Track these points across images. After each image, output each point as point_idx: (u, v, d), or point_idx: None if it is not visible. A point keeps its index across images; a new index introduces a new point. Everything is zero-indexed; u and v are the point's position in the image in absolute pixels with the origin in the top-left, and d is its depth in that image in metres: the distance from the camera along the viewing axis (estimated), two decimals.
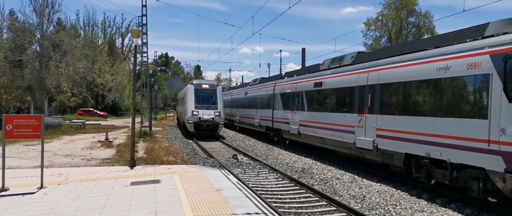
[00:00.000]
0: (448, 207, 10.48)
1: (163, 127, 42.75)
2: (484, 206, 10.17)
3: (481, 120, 9.61)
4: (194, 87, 30.63)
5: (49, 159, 16.73)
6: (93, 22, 79.85)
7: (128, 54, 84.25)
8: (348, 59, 17.62)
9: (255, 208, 8.70)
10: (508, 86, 9.06)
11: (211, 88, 30.98)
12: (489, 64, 9.53)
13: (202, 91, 30.36)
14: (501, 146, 9.06)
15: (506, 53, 9.16)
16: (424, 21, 55.05)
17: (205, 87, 30.84)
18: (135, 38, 15.93)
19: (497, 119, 9.18)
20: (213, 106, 29.72)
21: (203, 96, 30.07)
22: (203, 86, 30.96)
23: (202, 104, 29.58)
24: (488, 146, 9.39)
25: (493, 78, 9.39)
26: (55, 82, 38.37)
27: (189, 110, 29.69)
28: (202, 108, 29.36)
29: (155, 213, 8.25)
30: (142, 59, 36.18)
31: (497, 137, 9.14)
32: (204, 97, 30.07)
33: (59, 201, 9.47)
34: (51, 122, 32.98)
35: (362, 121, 14.82)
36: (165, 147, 22.02)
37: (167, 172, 13.66)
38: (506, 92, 9.05)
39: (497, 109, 9.20)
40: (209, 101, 29.98)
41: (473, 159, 9.87)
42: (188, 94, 30.57)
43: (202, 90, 30.45)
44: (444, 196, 11.36)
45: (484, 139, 9.47)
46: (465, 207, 10.35)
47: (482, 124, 9.56)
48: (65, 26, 53.40)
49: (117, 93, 69.92)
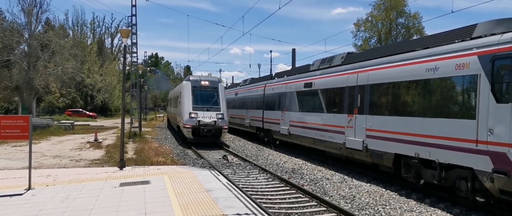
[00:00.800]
0: (437, 206, 10.56)
1: (153, 128, 42.57)
2: (472, 205, 10.26)
3: (469, 120, 9.69)
4: (192, 84, 25.66)
5: (37, 160, 16.56)
6: (82, 22, 79.12)
7: (118, 54, 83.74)
8: (338, 59, 17.68)
9: (245, 209, 8.68)
10: (496, 86, 9.16)
11: (212, 85, 26.02)
12: (477, 65, 9.62)
13: (201, 89, 25.55)
14: (489, 146, 9.15)
15: (493, 54, 9.25)
16: (413, 22, 55.51)
17: (205, 84, 25.85)
18: (125, 38, 15.81)
19: (485, 119, 9.27)
20: (214, 107, 24.88)
21: (202, 95, 25.37)
22: (202, 82, 25.89)
23: (201, 105, 24.82)
24: (476, 146, 9.47)
25: (481, 79, 9.48)
26: (43, 82, 37.99)
27: (185, 112, 24.74)
28: (202, 110, 24.49)
29: (145, 214, 8.19)
30: (132, 59, 36.08)
31: (485, 137, 9.23)
32: (204, 96, 25.36)
33: (47, 202, 9.37)
34: (39, 122, 32.64)
35: (352, 121, 14.88)
36: (155, 148, 21.93)
37: (157, 173, 13.59)
38: (494, 92, 9.15)
39: (485, 109, 9.29)
40: (209, 101, 25.18)
41: (461, 159, 9.95)
42: (184, 92, 25.61)
43: (201, 87, 25.61)
44: (433, 196, 11.44)
45: (472, 139, 9.56)
46: (454, 207, 10.44)
47: (470, 124, 9.64)
48: (54, 26, 52.80)
49: (106, 93, 69.45)
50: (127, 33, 16.02)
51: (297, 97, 20.61)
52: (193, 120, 24.12)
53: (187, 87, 25.69)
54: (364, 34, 58.43)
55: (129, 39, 18.73)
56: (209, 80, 26.83)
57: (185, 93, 25.49)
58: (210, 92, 25.55)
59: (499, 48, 9.18)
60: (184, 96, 25.45)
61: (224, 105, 25.37)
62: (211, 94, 25.47)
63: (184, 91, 25.72)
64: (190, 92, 25.19)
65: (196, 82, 25.90)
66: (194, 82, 25.83)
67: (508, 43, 9.01)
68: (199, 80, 26.14)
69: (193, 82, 25.81)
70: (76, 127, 36.59)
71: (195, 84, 25.66)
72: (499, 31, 9.65)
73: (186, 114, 24.49)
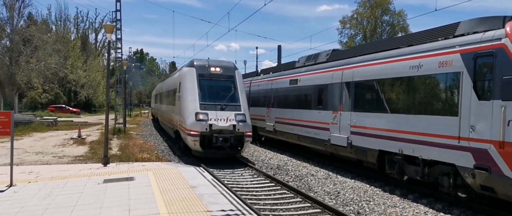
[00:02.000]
0: (420, 202, 10.69)
1: (138, 124, 42.28)
2: (454, 201, 10.40)
3: (452, 117, 9.82)
4: (197, 70, 17.73)
5: (19, 156, 16.34)
6: (65, 17, 78.14)
7: (102, 50, 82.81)
8: (323, 56, 17.75)
9: (229, 205, 8.68)
10: (478, 84, 9.29)
11: (226, 72, 18.11)
12: (460, 63, 9.74)
13: (212, 78, 17.75)
14: (470, 142, 9.29)
15: (476, 52, 9.38)
16: (398, 19, 56.05)
17: (216, 71, 17.92)
18: (109, 33, 15.67)
19: (467, 116, 9.40)
20: (232, 105, 17.18)
21: (213, 87, 17.64)
22: (212, 69, 17.91)
23: (212, 101, 17.01)
24: (458, 143, 9.61)
25: (464, 76, 9.60)
26: (25, 77, 37.52)
27: (189, 112, 16.80)
28: (214, 108, 16.76)
29: (128, 211, 8.14)
30: (116, 55, 35.69)
31: (467, 134, 9.37)
32: (216, 88, 17.67)
33: (29, 199, 9.25)
34: (22, 118, 32.17)
35: (337, 118, 14.96)
36: (140, 144, 21.80)
37: (141, 169, 13.51)
38: (476, 90, 9.28)
39: (467, 106, 9.42)
40: (224, 95, 17.45)
41: (444, 156, 10.08)
42: (186, 83, 17.77)
43: (211, 76, 17.75)
44: (416, 191, 11.57)
45: (455, 136, 9.69)
46: (436, 202, 10.57)
47: (453, 121, 9.77)
48: (36, 20, 52.13)
49: (90, 89, 68.67)
50: (111, 29, 15.87)
51: (282, 94, 20.65)
52: (202, 124, 16.22)
53: (190, 75, 17.76)
54: (350, 31, 58.92)
55: (113, 34, 18.56)
56: (222, 65, 18.42)
57: (187, 85, 17.67)
58: (224, 83, 17.87)
59: (481, 46, 9.31)
60: (187, 88, 17.60)
61: (244, 101, 17.69)
62: (225, 86, 17.81)
63: (186, 81, 17.80)
64: (196, 82, 17.38)
65: (203, 68, 17.87)
66: (201, 68, 17.83)
67: (489, 41, 9.14)
68: (208, 66, 17.99)
69: (199, 68, 17.83)
70: (59, 123, 36.10)
71: (202, 71, 17.72)
72: (481, 29, 9.78)
73: (191, 116, 16.56)
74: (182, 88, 18.34)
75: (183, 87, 18.08)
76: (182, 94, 18.19)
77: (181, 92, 18.36)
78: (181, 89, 18.43)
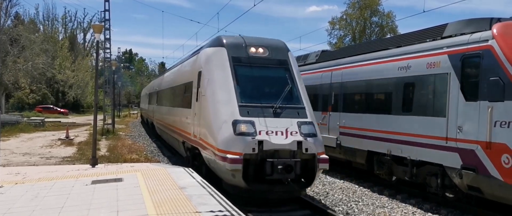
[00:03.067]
0: (408, 202, 10.76)
1: (127, 125, 42.04)
2: (441, 201, 10.50)
3: (440, 118, 9.91)
4: (230, 52, 11.15)
5: (6, 157, 16.13)
6: (53, 17, 77.23)
7: (90, 50, 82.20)
8: (313, 57, 17.79)
9: (218, 206, 8.64)
10: (465, 85, 9.38)
11: (276, 54, 11.52)
12: (447, 64, 9.83)
13: (254, 64, 11.18)
14: (458, 143, 9.37)
15: (463, 53, 9.47)
16: (387, 21, 56.45)
17: (260, 53, 11.37)
18: (97, 33, 15.51)
19: (455, 117, 9.49)
20: (292, 106, 10.60)
21: (256, 79, 11.05)
22: (252, 49, 11.31)
23: (259, 102, 10.40)
24: (446, 143, 9.69)
25: (451, 78, 9.69)
26: (12, 78, 37.12)
27: (222, 120, 10.19)
28: (264, 114, 10.15)
29: (117, 212, 8.07)
30: (105, 55, 35.44)
31: (455, 135, 9.45)
32: (262, 79, 11.16)
33: (16, 200, 9.13)
34: (8, 119, 31.76)
35: (326, 118, 15.01)
36: (128, 145, 21.66)
37: (130, 170, 13.40)
38: (463, 91, 9.37)
39: (455, 107, 9.50)
40: (277, 91, 10.81)
41: (432, 156, 10.17)
42: (213, 72, 11.21)
43: (252, 60, 11.19)
44: (404, 192, 11.66)
45: (442, 137, 9.77)
46: (424, 203, 10.66)
47: (441, 122, 9.85)
48: (24, 20, 51.65)
49: (78, 89, 68.10)
50: (100, 29, 15.72)
51: None
52: (245, 140, 9.64)
53: (219, 59, 11.26)
54: (339, 32, 59.22)
55: (102, 34, 18.42)
56: (267, 44, 11.75)
57: (215, 75, 11.12)
58: (274, 71, 11.45)
59: (468, 48, 9.40)
60: (215, 81, 11.02)
61: (307, 99, 11.22)
62: (277, 77, 11.34)
63: (213, 69, 11.31)
64: (230, 71, 10.88)
65: (239, 48, 11.32)
66: (235, 48, 11.29)
67: (477, 42, 9.24)
68: (245, 44, 11.38)
69: (233, 48, 11.28)
70: (47, 124, 35.71)
71: (237, 53, 11.19)
72: (468, 31, 9.87)
73: (226, 127, 10.02)
74: (205, 81, 11.36)
75: (207, 79, 11.26)
76: (206, 91, 11.19)
77: (202, 87, 11.55)
78: (204, 83, 11.43)
